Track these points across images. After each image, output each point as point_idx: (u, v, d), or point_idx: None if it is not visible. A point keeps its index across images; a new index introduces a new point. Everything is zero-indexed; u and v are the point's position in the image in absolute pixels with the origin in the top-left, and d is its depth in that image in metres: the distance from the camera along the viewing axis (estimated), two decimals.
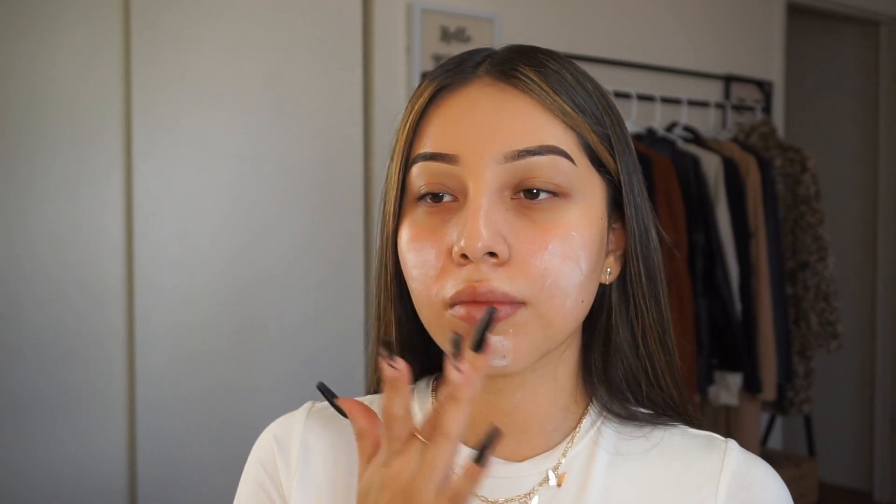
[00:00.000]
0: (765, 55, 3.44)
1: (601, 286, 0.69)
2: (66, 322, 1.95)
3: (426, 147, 0.65)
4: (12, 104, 1.90)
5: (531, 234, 0.62)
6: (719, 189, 2.80)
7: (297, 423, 0.74)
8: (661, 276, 0.71)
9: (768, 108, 3.39)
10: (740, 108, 3.30)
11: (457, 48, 2.47)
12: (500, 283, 0.61)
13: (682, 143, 2.88)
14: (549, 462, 0.69)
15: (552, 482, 0.69)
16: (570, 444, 0.70)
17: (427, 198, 0.65)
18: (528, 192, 0.63)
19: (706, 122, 3.15)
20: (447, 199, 0.65)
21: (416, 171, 0.66)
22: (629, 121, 2.79)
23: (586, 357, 0.72)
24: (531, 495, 0.68)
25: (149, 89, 2.02)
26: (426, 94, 0.67)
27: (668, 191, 2.60)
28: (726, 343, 2.76)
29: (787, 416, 3.42)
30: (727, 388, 2.80)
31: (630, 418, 0.71)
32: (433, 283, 0.63)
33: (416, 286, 0.65)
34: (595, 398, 0.72)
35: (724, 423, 2.97)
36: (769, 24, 3.46)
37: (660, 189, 2.58)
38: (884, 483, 3.86)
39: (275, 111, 2.21)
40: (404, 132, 0.68)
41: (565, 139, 0.64)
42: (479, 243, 0.60)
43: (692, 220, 2.69)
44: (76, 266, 1.96)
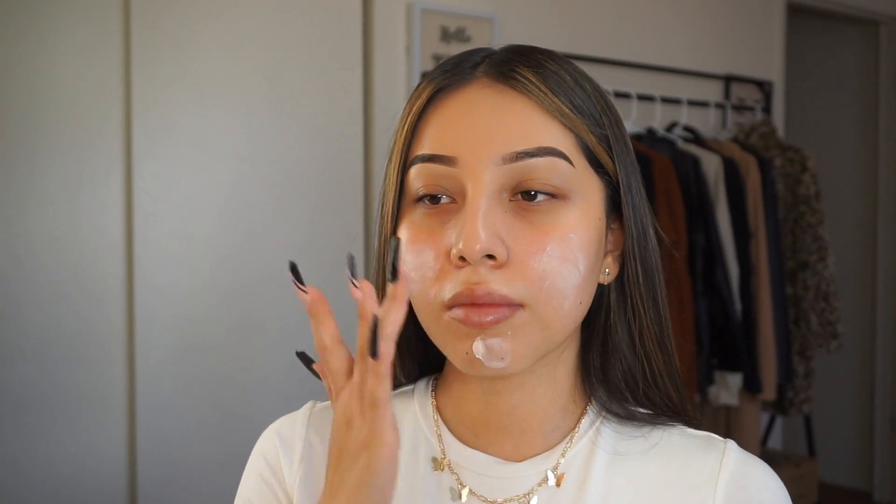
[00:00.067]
0: (765, 55, 3.44)
1: (599, 286, 0.69)
2: (66, 322, 1.95)
3: (424, 149, 0.65)
4: (12, 104, 1.90)
5: (529, 236, 0.62)
6: (719, 189, 2.80)
7: (300, 422, 0.75)
8: (660, 276, 0.71)
9: (768, 108, 3.39)
10: (740, 108, 3.30)
11: (457, 48, 2.47)
12: (499, 285, 0.61)
13: (682, 143, 2.88)
14: (548, 462, 0.69)
15: (551, 482, 0.69)
16: (568, 445, 0.70)
17: (425, 199, 0.65)
18: (527, 194, 0.63)
19: (706, 122, 3.15)
20: (445, 200, 0.65)
21: (415, 172, 0.65)
22: (629, 121, 2.79)
23: (585, 357, 0.72)
24: (530, 495, 0.69)
25: (149, 89, 2.02)
26: (424, 95, 0.67)
27: (668, 191, 2.60)
28: (726, 343, 2.76)
29: (787, 416, 3.42)
30: (727, 388, 2.80)
31: (629, 418, 0.71)
32: (431, 285, 0.63)
33: (414, 288, 0.65)
34: (594, 398, 0.72)
35: (724, 423, 2.97)
36: (769, 24, 3.46)
37: (660, 189, 2.58)
38: (884, 483, 3.86)
39: (275, 111, 2.21)
40: (402, 133, 0.67)
41: (563, 140, 0.64)
42: (478, 246, 0.60)
43: (692, 220, 2.69)
44: (76, 266, 1.96)
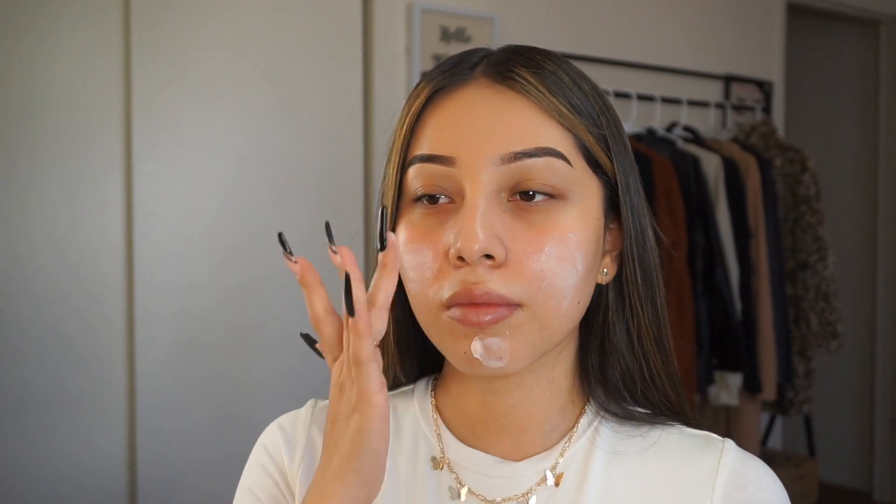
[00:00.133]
0: (765, 55, 3.44)
1: (598, 286, 0.69)
2: (66, 322, 1.95)
3: (423, 149, 0.65)
4: (12, 104, 1.90)
5: (527, 236, 0.62)
6: (719, 189, 2.80)
7: (303, 418, 0.75)
8: (658, 276, 0.71)
9: (768, 108, 3.39)
10: (740, 108, 3.30)
11: (457, 48, 2.47)
12: (497, 285, 0.61)
13: (682, 143, 2.88)
14: (546, 462, 0.69)
15: (550, 482, 0.69)
16: (567, 444, 0.70)
17: (424, 199, 0.65)
18: (525, 194, 0.63)
19: (706, 122, 3.15)
20: (444, 200, 0.65)
21: (413, 172, 0.66)
22: (629, 121, 2.79)
23: (583, 357, 0.72)
24: (529, 495, 0.69)
25: (149, 89, 2.02)
26: (423, 95, 0.67)
27: (668, 191, 2.60)
28: (726, 343, 2.76)
29: (787, 416, 3.42)
30: (727, 388, 2.80)
31: (627, 418, 0.71)
32: (430, 284, 0.63)
33: (412, 287, 0.65)
34: (592, 398, 0.72)
35: (724, 423, 2.97)
36: (769, 24, 3.46)
37: (660, 189, 2.58)
38: (884, 483, 3.86)
39: (275, 111, 2.21)
40: (401, 134, 0.68)
41: (562, 141, 0.64)
42: (476, 245, 0.60)
43: (692, 220, 2.69)
44: (76, 266, 1.97)
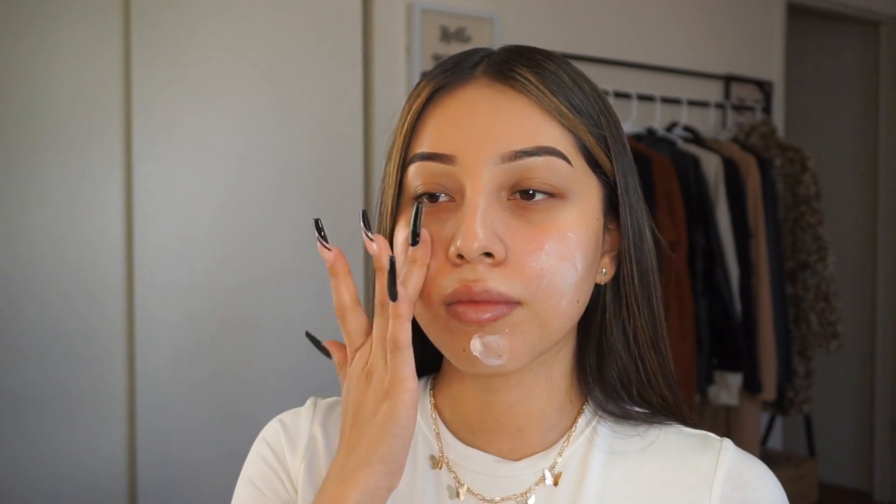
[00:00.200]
0: (765, 55, 3.44)
1: (597, 286, 0.69)
2: (66, 322, 1.95)
3: (423, 147, 0.66)
4: (12, 104, 1.90)
5: (527, 235, 0.62)
6: (719, 189, 2.80)
7: (304, 416, 0.75)
8: (655, 277, 0.71)
9: (768, 108, 3.39)
10: (740, 108, 3.30)
11: (457, 48, 2.47)
12: (496, 283, 0.61)
13: (682, 143, 2.88)
14: (545, 461, 0.70)
15: (549, 481, 0.69)
16: (566, 444, 0.70)
17: (424, 198, 0.66)
18: (525, 193, 0.63)
19: (706, 122, 3.15)
20: (444, 199, 0.65)
21: (413, 170, 0.66)
22: (629, 121, 2.79)
23: (581, 356, 0.72)
24: (528, 494, 0.69)
25: (149, 89, 2.02)
26: (424, 94, 0.67)
27: (668, 191, 2.60)
28: (726, 343, 2.76)
29: (787, 416, 3.42)
30: (727, 388, 2.80)
31: (625, 417, 0.71)
32: (429, 282, 0.63)
33: None
34: (590, 398, 0.72)
35: (724, 423, 2.97)
36: (769, 24, 3.46)
37: (660, 189, 2.58)
38: (884, 483, 3.86)
39: (275, 111, 2.21)
40: (402, 132, 0.68)
41: (562, 140, 0.64)
42: (476, 244, 0.60)
43: (692, 220, 2.69)
44: (76, 266, 1.97)
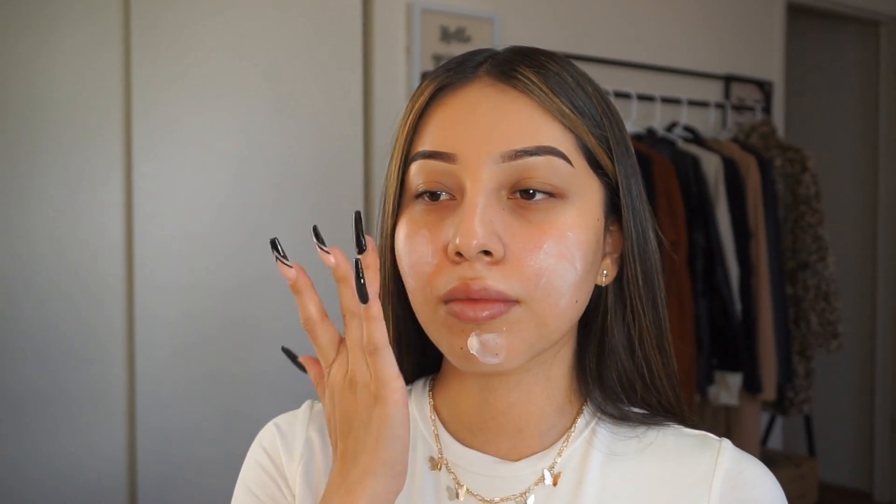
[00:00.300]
0: (765, 55, 3.44)
1: (597, 288, 0.69)
2: (66, 322, 1.95)
3: (425, 145, 0.66)
4: (12, 104, 1.90)
5: (526, 234, 0.63)
6: (719, 189, 2.80)
7: (301, 419, 0.75)
8: (659, 279, 0.71)
9: (768, 108, 3.39)
10: (740, 108, 3.30)
11: (457, 48, 2.47)
12: (495, 281, 0.61)
13: (682, 143, 2.88)
14: (544, 461, 0.70)
15: (548, 481, 0.69)
16: (565, 444, 0.70)
17: (425, 196, 0.66)
18: (525, 193, 0.64)
19: (706, 122, 3.15)
20: (445, 197, 0.65)
21: (415, 169, 0.66)
22: (629, 121, 2.79)
23: (581, 358, 0.72)
24: (527, 494, 0.69)
25: (149, 89, 2.02)
26: (427, 92, 0.67)
27: (668, 191, 2.60)
28: (726, 343, 2.76)
29: (787, 416, 3.42)
30: (727, 388, 2.80)
31: (624, 419, 0.71)
32: (428, 280, 0.64)
33: (411, 283, 0.66)
34: (589, 399, 0.72)
35: (725, 423, 2.97)
36: (769, 24, 3.46)
37: (660, 189, 2.58)
38: (884, 483, 3.86)
39: (275, 111, 2.21)
40: (404, 130, 0.68)
41: (563, 140, 0.64)
42: (474, 241, 0.60)
43: (692, 220, 2.69)
44: (76, 266, 1.97)
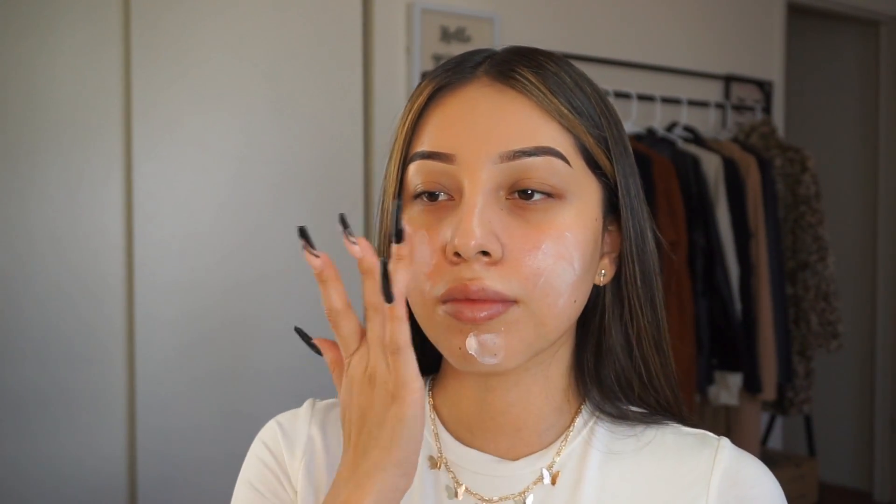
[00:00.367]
0: (765, 55, 3.44)
1: (596, 287, 0.70)
2: (66, 322, 1.95)
3: (424, 146, 0.66)
4: (12, 104, 1.90)
5: (525, 234, 0.63)
6: (719, 189, 2.80)
7: (302, 417, 0.75)
8: (657, 279, 0.71)
9: (768, 108, 3.39)
10: (740, 108, 3.30)
11: (457, 48, 2.47)
12: (493, 281, 0.61)
13: (682, 143, 2.88)
14: (543, 461, 0.70)
15: (546, 480, 0.69)
16: (563, 443, 0.70)
17: (423, 196, 0.66)
18: (523, 193, 0.64)
19: (706, 122, 3.15)
20: (443, 197, 0.65)
21: (414, 169, 0.66)
22: (629, 121, 2.79)
23: (579, 357, 0.73)
24: (526, 494, 0.69)
25: (149, 89, 2.03)
26: (425, 93, 0.68)
27: (668, 191, 2.60)
28: (726, 343, 2.76)
29: (787, 416, 3.42)
30: (727, 388, 2.80)
31: (622, 418, 0.71)
32: (426, 280, 0.64)
33: (409, 283, 0.65)
34: (588, 398, 0.72)
35: (725, 423, 2.97)
36: (769, 24, 3.46)
37: (660, 189, 2.58)
38: (884, 483, 3.86)
39: (275, 111, 2.21)
40: (403, 130, 0.68)
41: (561, 140, 0.65)
42: (472, 242, 0.60)
43: (692, 220, 2.69)
44: (76, 266, 1.97)
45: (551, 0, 2.77)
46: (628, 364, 0.71)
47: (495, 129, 0.64)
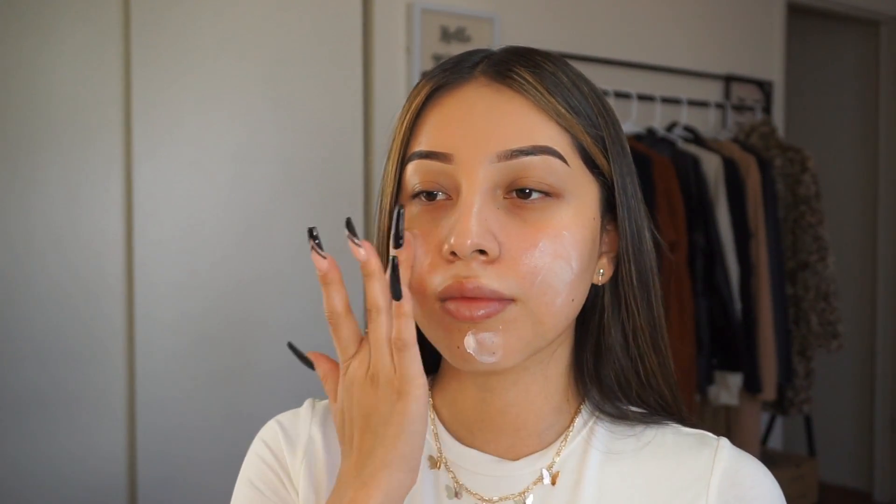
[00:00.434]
0: (765, 55, 3.44)
1: (595, 287, 0.70)
2: (66, 322, 1.95)
3: (421, 145, 0.66)
4: (13, 104, 1.90)
5: (522, 233, 0.63)
6: (719, 189, 2.80)
7: (303, 416, 0.75)
8: (655, 278, 0.71)
9: (768, 108, 3.39)
10: (740, 108, 3.30)
11: (457, 48, 2.47)
12: (489, 280, 0.62)
13: (682, 143, 2.88)
14: (543, 461, 0.70)
15: (546, 480, 0.69)
16: (563, 443, 0.70)
17: (421, 196, 0.66)
18: (521, 192, 0.64)
19: (706, 122, 3.15)
20: (441, 197, 0.65)
21: (412, 168, 0.66)
22: (629, 121, 2.79)
23: (578, 357, 0.73)
24: (526, 493, 0.69)
25: (149, 89, 2.03)
26: (423, 92, 0.68)
27: (668, 191, 2.60)
28: (726, 343, 2.76)
29: (787, 416, 3.42)
30: (727, 388, 2.80)
31: (622, 417, 0.71)
32: (423, 278, 0.64)
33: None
34: (587, 398, 0.72)
35: (725, 423, 2.97)
36: (769, 24, 3.46)
37: (660, 189, 2.58)
38: (884, 483, 3.86)
39: (275, 111, 2.21)
40: (401, 130, 0.68)
41: (559, 140, 0.65)
42: (469, 240, 0.61)
43: (692, 220, 2.69)
44: (76, 266, 1.97)
45: (551, 0, 2.77)
46: (627, 364, 0.71)
47: (493, 128, 0.64)
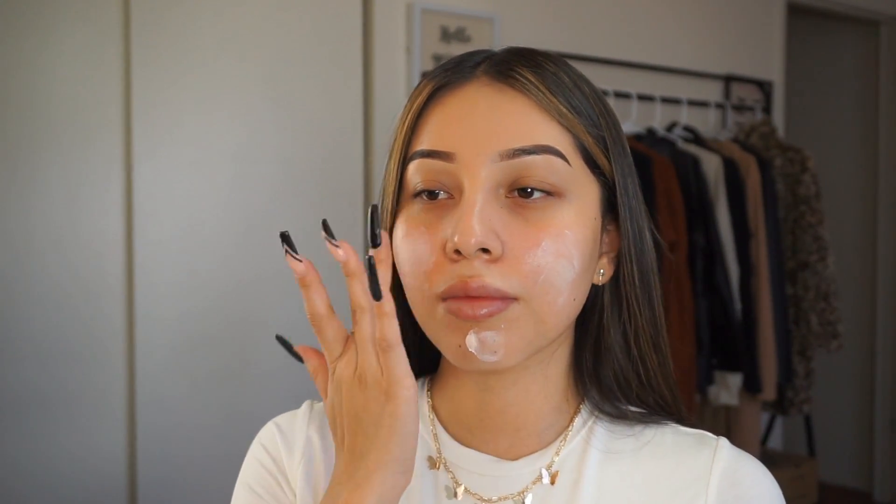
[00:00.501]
0: (765, 55, 3.44)
1: (595, 287, 0.70)
2: (66, 322, 1.95)
3: (423, 144, 0.66)
4: (13, 104, 1.90)
5: (525, 232, 0.63)
6: (719, 189, 2.80)
7: (301, 418, 0.75)
8: (655, 278, 0.71)
9: (768, 108, 3.39)
10: (740, 108, 3.30)
11: (457, 48, 2.47)
12: (493, 279, 0.62)
13: (682, 143, 2.88)
14: (542, 460, 0.70)
15: (545, 480, 0.69)
16: (562, 443, 0.70)
17: (423, 195, 0.66)
18: (523, 191, 0.64)
19: (706, 122, 3.15)
20: (443, 196, 0.65)
21: (413, 168, 0.66)
22: (629, 121, 2.79)
23: (578, 356, 0.73)
24: (525, 493, 0.69)
25: (149, 89, 2.03)
26: (425, 92, 0.68)
27: (668, 191, 2.61)
28: (726, 343, 2.76)
29: (787, 416, 3.42)
30: (727, 388, 2.80)
31: (621, 417, 0.71)
32: (426, 278, 0.64)
33: (408, 281, 0.66)
34: (587, 398, 0.72)
35: (725, 423, 2.97)
36: (769, 24, 3.46)
37: (660, 189, 2.58)
38: (884, 483, 3.86)
39: (275, 111, 2.21)
40: (402, 130, 0.68)
41: (561, 139, 0.65)
42: (472, 239, 0.61)
43: (692, 220, 2.69)
44: (76, 266, 1.97)
45: (551, 0, 2.77)
46: (627, 363, 0.71)
47: (495, 127, 0.64)
